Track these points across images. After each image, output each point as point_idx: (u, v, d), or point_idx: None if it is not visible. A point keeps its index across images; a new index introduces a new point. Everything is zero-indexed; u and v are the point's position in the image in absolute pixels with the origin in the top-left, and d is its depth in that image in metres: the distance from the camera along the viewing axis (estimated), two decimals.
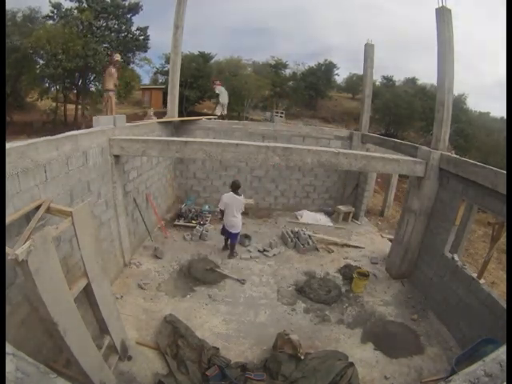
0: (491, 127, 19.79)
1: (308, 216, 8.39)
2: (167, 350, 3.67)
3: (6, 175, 2.65)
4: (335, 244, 6.98)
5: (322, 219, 8.29)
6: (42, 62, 14.91)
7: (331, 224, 8.09)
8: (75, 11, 14.94)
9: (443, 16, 4.93)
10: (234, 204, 5.68)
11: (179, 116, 8.46)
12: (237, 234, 5.99)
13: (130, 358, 3.59)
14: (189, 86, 18.39)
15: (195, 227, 7.00)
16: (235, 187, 5.73)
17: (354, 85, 31.90)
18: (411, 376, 3.73)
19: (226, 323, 4.39)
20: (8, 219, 2.59)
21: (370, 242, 7.39)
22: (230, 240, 6.09)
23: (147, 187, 6.48)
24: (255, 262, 6.10)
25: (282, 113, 22.25)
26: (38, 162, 3.10)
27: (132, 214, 5.78)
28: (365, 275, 5.35)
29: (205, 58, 21.09)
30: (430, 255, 5.16)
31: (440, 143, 5.22)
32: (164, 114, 8.44)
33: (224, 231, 6.06)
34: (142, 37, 17.14)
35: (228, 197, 5.71)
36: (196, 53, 21.02)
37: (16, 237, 2.73)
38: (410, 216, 5.50)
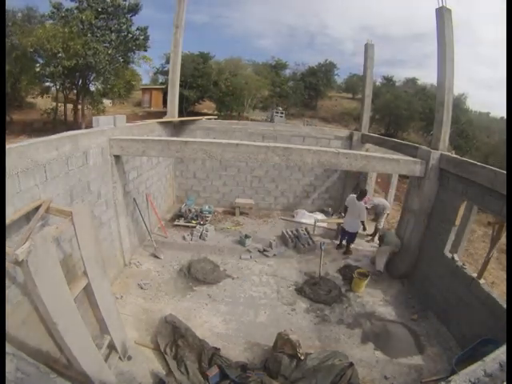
0: (491, 127, 19.79)
1: (304, 215, 8.37)
2: (167, 350, 3.66)
3: (6, 175, 2.66)
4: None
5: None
6: (41, 61, 14.93)
7: (325, 225, 8.06)
8: (76, 11, 14.95)
9: (443, 16, 4.92)
10: (351, 208, 6.30)
11: (179, 116, 8.46)
12: (351, 234, 6.48)
13: (129, 358, 3.59)
14: (189, 86, 18.42)
15: (195, 227, 7.00)
16: (359, 194, 6.31)
17: (354, 85, 31.97)
18: (411, 376, 3.72)
19: (226, 323, 4.39)
20: (8, 219, 2.59)
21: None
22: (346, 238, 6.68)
23: (147, 187, 6.48)
24: (255, 261, 6.09)
25: (282, 113, 22.28)
26: (37, 162, 3.11)
27: (132, 214, 5.78)
28: (365, 275, 5.34)
29: (205, 57, 21.10)
30: (430, 255, 5.16)
31: (440, 143, 5.21)
32: (164, 113, 8.43)
33: (342, 229, 6.69)
34: (142, 37, 17.14)
35: (349, 200, 6.41)
36: (196, 53, 21.05)
37: (16, 237, 2.74)
38: (410, 216, 5.50)
